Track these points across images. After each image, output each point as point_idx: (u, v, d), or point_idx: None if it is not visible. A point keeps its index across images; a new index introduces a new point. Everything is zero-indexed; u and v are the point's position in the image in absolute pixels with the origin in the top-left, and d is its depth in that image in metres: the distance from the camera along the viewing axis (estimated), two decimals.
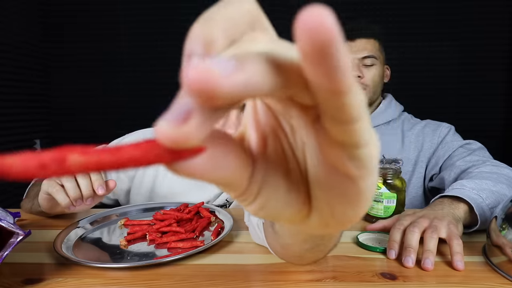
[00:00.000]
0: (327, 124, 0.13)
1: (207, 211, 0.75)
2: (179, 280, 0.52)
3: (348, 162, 0.14)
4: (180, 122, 0.12)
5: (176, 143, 0.12)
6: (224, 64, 0.11)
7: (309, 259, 0.42)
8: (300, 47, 0.11)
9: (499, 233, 0.53)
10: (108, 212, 0.79)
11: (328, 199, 0.16)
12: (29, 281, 0.52)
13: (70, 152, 0.12)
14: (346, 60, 0.11)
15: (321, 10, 0.10)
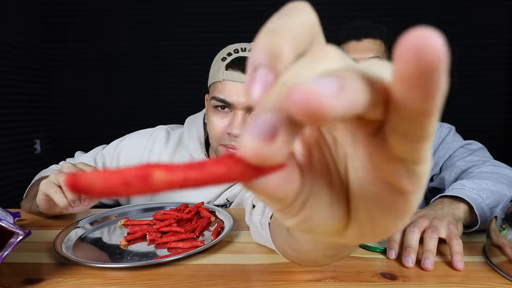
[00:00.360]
0: (394, 141, 0.13)
1: (207, 211, 0.75)
2: (179, 280, 0.52)
3: (404, 178, 0.14)
4: (268, 139, 0.12)
5: (263, 160, 0.12)
6: (328, 83, 0.11)
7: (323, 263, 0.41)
8: (401, 67, 0.10)
9: (499, 233, 0.53)
10: (108, 212, 0.79)
11: (370, 212, 0.16)
12: (29, 281, 0.52)
13: (155, 169, 0.12)
14: (445, 81, 0.11)
15: (428, 31, 0.10)
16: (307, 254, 0.37)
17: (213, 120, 0.83)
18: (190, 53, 2.12)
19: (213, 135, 0.84)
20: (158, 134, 0.97)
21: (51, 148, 2.19)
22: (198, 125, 0.95)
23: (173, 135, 0.97)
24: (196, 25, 2.12)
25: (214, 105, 0.82)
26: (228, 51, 0.83)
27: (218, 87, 0.81)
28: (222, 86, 0.80)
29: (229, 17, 2.10)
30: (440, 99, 0.11)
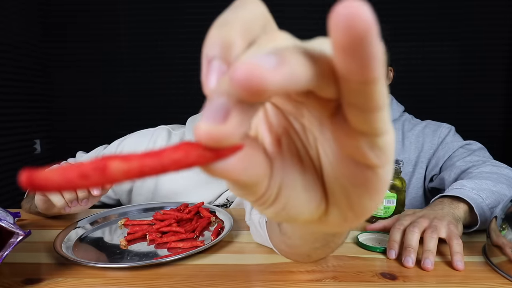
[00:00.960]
0: (350, 114, 0.13)
1: (207, 211, 0.75)
2: (179, 280, 0.52)
3: (369, 151, 0.14)
4: (221, 121, 0.12)
5: (217, 141, 0.12)
6: (268, 59, 0.11)
7: (317, 257, 0.42)
8: (335, 38, 0.11)
9: (499, 233, 0.53)
10: (108, 212, 0.79)
11: (346, 192, 0.16)
12: (29, 281, 0.52)
13: (111, 160, 0.12)
14: (379, 49, 0.11)
15: (356, 1, 0.10)
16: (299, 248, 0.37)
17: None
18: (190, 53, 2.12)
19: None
20: (159, 134, 0.97)
21: (51, 148, 2.19)
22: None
23: (175, 135, 0.97)
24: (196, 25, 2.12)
25: None
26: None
27: None
28: None
29: None
30: (379, 67, 0.11)
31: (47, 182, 0.12)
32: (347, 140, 0.15)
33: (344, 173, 0.16)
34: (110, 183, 0.12)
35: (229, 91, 0.12)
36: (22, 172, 0.12)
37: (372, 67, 0.11)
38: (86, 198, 0.67)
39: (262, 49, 0.13)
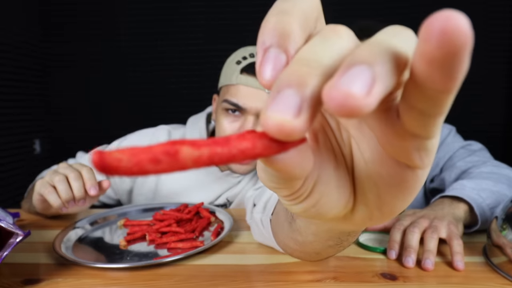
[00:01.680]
0: (409, 117, 0.13)
1: (206, 211, 0.75)
2: (178, 280, 0.52)
3: (416, 153, 0.14)
4: (294, 115, 0.12)
5: (288, 134, 0.12)
6: (360, 81, 0.11)
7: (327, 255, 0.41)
8: (425, 49, 0.10)
9: (499, 233, 0.53)
10: (108, 213, 0.79)
11: (377, 192, 0.16)
12: (28, 282, 0.52)
13: (183, 145, 0.12)
14: (468, 62, 0.11)
15: (454, 13, 0.10)
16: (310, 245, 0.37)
17: (223, 123, 0.82)
18: (191, 53, 2.12)
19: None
20: (159, 134, 0.97)
21: (51, 148, 2.19)
22: (201, 125, 0.94)
23: (175, 135, 0.97)
24: (196, 24, 2.12)
25: (225, 107, 0.81)
26: (243, 55, 0.82)
27: (231, 90, 0.81)
28: (235, 89, 0.80)
29: (230, 17, 2.10)
30: (462, 78, 0.11)
31: (119, 164, 0.11)
32: (395, 140, 0.14)
33: (381, 172, 0.16)
34: (180, 169, 0.12)
35: (302, 85, 0.12)
36: (94, 153, 0.11)
37: (457, 80, 0.11)
38: (83, 198, 0.67)
39: (330, 43, 0.13)
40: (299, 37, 0.14)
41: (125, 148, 0.12)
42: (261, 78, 0.14)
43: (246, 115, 0.80)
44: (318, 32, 0.14)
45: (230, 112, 0.81)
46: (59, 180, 0.65)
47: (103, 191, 0.68)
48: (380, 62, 0.11)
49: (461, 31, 0.10)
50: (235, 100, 0.79)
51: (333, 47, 0.13)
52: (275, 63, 0.13)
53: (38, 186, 0.67)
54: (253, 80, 0.79)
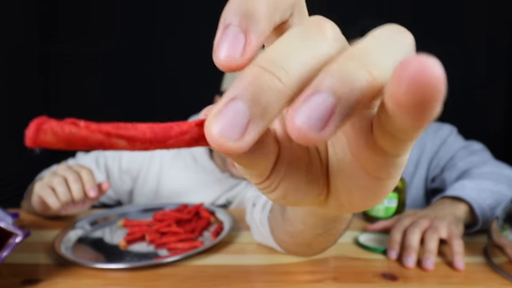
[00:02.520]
0: (382, 138, 0.13)
1: (206, 212, 0.75)
2: (178, 280, 0.52)
3: (384, 168, 0.14)
4: (238, 137, 0.11)
5: (227, 152, 0.12)
6: (319, 114, 0.11)
7: (318, 246, 0.42)
8: (396, 91, 0.10)
9: (500, 234, 0.53)
10: (108, 213, 0.78)
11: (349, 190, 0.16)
12: (28, 282, 0.52)
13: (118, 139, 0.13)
14: (439, 108, 0.10)
15: (430, 61, 0.10)
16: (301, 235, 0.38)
17: None
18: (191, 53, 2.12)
19: None
20: None
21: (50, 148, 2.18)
22: None
23: None
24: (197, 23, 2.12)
25: None
26: None
27: None
28: None
29: None
30: (432, 119, 0.11)
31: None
32: (366, 152, 0.14)
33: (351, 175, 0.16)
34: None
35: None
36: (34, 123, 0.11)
37: (427, 122, 0.10)
38: (82, 200, 0.67)
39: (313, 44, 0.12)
40: (264, 19, 0.13)
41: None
42: (216, 58, 0.13)
43: None
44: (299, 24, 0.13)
45: None
46: (58, 182, 0.65)
47: (102, 192, 0.68)
48: (348, 92, 0.11)
49: (433, 82, 0.09)
50: None
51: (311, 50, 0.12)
52: (232, 42, 0.12)
53: (37, 188, 0.67)
54: None
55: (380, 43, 0.12)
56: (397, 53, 0.12)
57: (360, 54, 0.12)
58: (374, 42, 0.12)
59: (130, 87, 2.19)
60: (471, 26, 2.01)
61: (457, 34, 2.02)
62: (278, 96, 0.11)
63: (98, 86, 2.19)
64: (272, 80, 0.11)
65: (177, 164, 0.95)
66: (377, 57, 0.12)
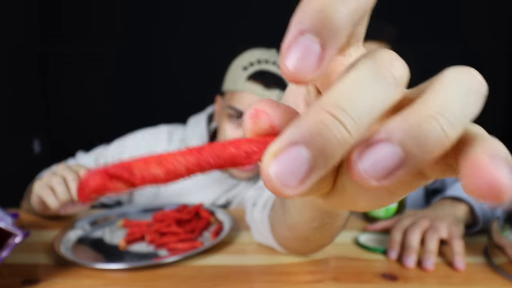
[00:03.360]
0: (430, 171, 0.14)
1: (206, 212, 0.75)
2: (178, 281, 0.52)
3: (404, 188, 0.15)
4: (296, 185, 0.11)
5: (280, 194, 0.12)
6: (385, 164, 0.11)
7: (316, 242, 0.42)
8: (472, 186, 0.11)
9: (500, 234, 0.53)
10: (108, 213, 0.78)
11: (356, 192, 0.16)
12: (28, 282, 0.52)
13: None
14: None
15: (499, 169, 0.11)
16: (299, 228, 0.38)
17: (227, 128, 0.83)
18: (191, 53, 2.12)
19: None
20: (160, 134, 0.97)
21: (50, 148, 2.19)
22: (201, 126, 0.94)
23: (176, 135, 0.97)
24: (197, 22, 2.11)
25: (230, 114, 0.82)
26: (250, 60, 0.82)
27: (236, 96, 0.81)
28: (240, 96, 0.80)
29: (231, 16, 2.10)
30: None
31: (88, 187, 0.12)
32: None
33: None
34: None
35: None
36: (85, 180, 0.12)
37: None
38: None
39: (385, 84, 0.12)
40: (345, 31, 0.11)
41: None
42: (282, 64, 0.11)
43: None
44: (370, 57, 0.12)
45: (234, 118, 0.82)
46: (57, 182, 0.65)
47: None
48: (420, 151, 0.11)
49: (502, 197, 0.11)
50: (240, 107, 0.80)
51: (382, 95, 0.11)
52: (305, 52, 0.11)
53: (37, 188, 0.67)
54: (259, 88, 0.79)
55: (458, 96, 0.11)
56: (473, 109, 0.12)
57: (438, 109, 0.11)
58: (454, 93, 0.11)
59: (130, 87, 2.18)
60: (471, 26, 2.02)
61: (457, 34, 2.02)
62: (342, 146, 0.11)
63: (98, 86, 2.19)
64: (339, 130, 0.11)
65: None
66: (455, 114, 0.11)
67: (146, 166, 0.12)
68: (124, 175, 0.12)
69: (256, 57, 0.82)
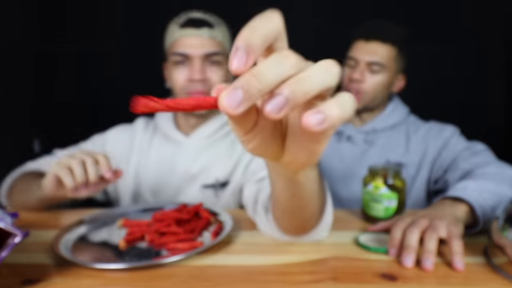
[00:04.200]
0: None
1: (206, 212, 0.75)
2: (178, 281, 0.52)
3: (316, 136, 0.27)
4: (236, 107, 0.22)
5: (229, 114, 0.23)
6: (276, 104, 0.23)
7: (297, 214, 0.52)
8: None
9: (500, 234, 0.53)
10: (107, 213, 0.78)
11: (296, 149, 0.29)
12: (27, 282, 0.52)
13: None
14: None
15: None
16: (281, 201, 0.49)
17: (175, 74, 0.92)
18: None
19: (178, 87, 0.93)
20: (137, 124, 1.06)
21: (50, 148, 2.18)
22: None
23: (151, 123, 1.06)
24: None
25: (174, 60, 0.91)
26: (179, 17, 0.94)
27: (175, 44, 0.91)
28: (178, 42, 0.91)
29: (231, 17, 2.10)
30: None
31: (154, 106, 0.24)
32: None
33: (298, 138, 0.28)
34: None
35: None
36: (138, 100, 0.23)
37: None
38: (95, 184, 0.71)
39: (279, 65, 0.23)
40: (258, 47, 0.22)
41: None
42: (230, 65, 0.22)
43: (193, 60, 0.90)
44: (277, 53, 0.23)
45: (179, 63, 0.91)
46: (77, 164, 0.68)
47: (117, 177, 0.72)
48: (294, 97, 0.22)
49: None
50: (181, 50, 0.90)
51: (280, 69, 0.22)
52: (240, 59, 0.22)
53: (55, 167, 0.70)
54: (192, 31, 0.90)
55: (313, 72, 0.23)
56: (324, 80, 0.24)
57: (302, 78, 0.23)
58: (311, 70, 0.23)
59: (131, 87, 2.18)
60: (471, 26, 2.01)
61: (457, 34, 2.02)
62: (259, 91, 0.22)
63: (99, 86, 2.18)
64: (256, 82, 0.22)
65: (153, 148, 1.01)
66: (310, 79, 0.23)
67: (164, 101, 0.24)
68: (155, 99, 0.23)
69: (185, 14, 0.94)
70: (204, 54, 0.90)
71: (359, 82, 1.05)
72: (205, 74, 0.90)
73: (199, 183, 0.95)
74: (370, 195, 0.73)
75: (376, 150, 1.08)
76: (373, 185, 0.73)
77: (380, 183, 0.72)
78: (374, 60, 1.04)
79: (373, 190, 0.73)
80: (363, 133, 1.11)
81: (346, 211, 0.83)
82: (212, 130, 0.99)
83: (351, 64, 1.08)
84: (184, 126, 1.01)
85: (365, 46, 1.05)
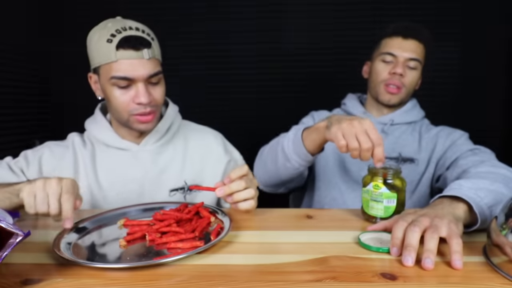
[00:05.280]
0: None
1: (206, 211, 0.75)
2: (178, 280, 0.52)
3: None
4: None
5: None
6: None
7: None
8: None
9: (499, 233, 0.53)
10: (108, 213, 0.78)
11: None
12: (28, 282, 0.52)
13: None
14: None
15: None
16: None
17: (118, 96, 0.90)
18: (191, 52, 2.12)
19: (122, 109, 0.91)
20: (72, 140, 1.06)
21: None
22: (99, 119, 1.05)
23: (86, 137, 1.06)
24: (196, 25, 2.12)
25: (115, 84, 0.89)
26: (111, 32, 0.88)
27: (114, 67, 0.87)
28: (118, 65, 0.87)
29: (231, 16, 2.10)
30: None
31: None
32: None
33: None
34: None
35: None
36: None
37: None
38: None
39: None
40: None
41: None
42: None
43: (136, 83, 0.88)
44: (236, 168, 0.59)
45: (121, 86, 0.89)
46: (54, 201, 0.66)
47: (76, 209, 0.69)
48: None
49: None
50: (122, 74, 0.87)
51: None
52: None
53: (31, 200, 0.67)
54: (131, 52, 0.86)
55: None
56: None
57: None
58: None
59: None
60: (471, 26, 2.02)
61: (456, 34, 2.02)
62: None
63: None
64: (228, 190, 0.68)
65: (99, 162, 1.00)
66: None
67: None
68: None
69: (114, 28, 0.88)
70: (147, 76, 0.89)
71: (401, 76, 1.11)
72: (151, 95, 0.90)
73: (165, 187, 0.98)
74: (370, 195, 0.74)
75: (390, 141, 1.14)
76: (373, 185, 0.73)
77: (380, 183, 0.73)
78: (413, 57, 1.11)
79: (373, 190, 0.73)
80: (381, 123, 1.17)
81: (346, 210, 0.83)
82: (161, 133, 1.01)
83: (387, 59, 1.13)
84: (127, 136, 1.01)
85: (404, 44, 1.11)
